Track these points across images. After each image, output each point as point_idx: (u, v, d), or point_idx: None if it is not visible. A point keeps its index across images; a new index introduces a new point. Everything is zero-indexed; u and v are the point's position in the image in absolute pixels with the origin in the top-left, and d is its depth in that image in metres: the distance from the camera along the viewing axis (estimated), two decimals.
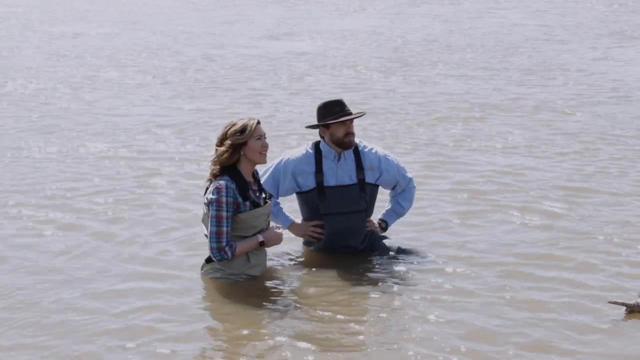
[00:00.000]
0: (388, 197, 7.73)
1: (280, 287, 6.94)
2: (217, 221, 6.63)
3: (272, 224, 7.02)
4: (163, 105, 13.76)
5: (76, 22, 23.31)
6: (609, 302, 6.42)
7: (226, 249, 6.69)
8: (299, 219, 7.53)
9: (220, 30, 21.81)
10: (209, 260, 6.89)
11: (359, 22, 22.98)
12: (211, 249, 6.72)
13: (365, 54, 18.30)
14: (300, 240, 7.62)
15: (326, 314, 6.45)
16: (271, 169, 7.45)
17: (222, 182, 6.65)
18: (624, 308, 6.39)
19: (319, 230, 7.41)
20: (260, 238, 6.76)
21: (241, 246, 6.73)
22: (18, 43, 20.08)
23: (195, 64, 17.38)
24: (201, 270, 7.00)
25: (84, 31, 21.81)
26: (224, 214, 6.62)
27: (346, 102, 7.43)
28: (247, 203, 6.71)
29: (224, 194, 6.61)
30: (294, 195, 7.52)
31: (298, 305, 6.64)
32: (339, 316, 6.42)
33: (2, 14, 25.45)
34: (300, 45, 19.51)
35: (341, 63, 17.23)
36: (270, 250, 7.15)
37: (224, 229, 6.64)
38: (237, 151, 6.68)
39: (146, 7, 26.79)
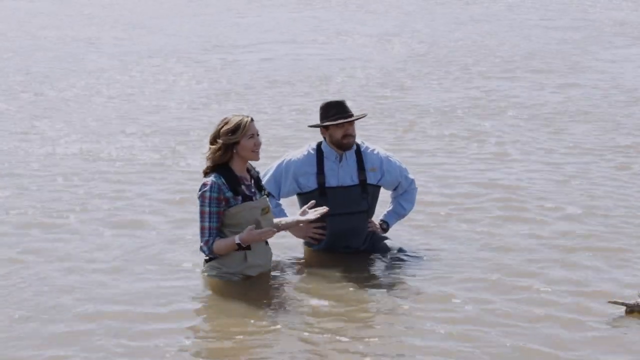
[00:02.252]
0: (389, 198, 7.73)
1: (279, 287, 6.94)
2: (201, 216, 6.71)
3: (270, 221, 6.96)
4: (184, 110, 13.81)
5: (91, 26, 23.39)
6: (609, 302, 6.41)
7: (202, 244, 6.74)
8: None
9: (238, 33, 21.84)
10: (207, 259, 6.92)
11: (378, 25, 22.94)
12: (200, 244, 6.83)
13: (384, 57, 18.28)
14: (301, 240, 7.60)
15: (324, 314, 6.45)
16: (272, 170, 7.46)
17: (208, 179, 6.71)
18: (624, 308, 6.37)
19: (320, 231, 7.40)
20: (237, 240, 6.70)
21: (220, 244, 6.72)
22: (23, 47, 20.17)
23: (213, 68, 17.38)
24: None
25: (101, 35, 21.87)
26: (207, 209, 6.67)
27: (348, 104, 7.39)
28: (239, 198, 6.73)
29: (208, 189, 6.67)
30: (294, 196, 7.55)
31: (295, 305, 6.64)
32: (338, 316, 6.41)
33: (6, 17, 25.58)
34: (311, 48, 19.52)
35: (363, 66, 17.23)
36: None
37: (207, 224, 6.69)
38: (230, 149, 6.71)
39: (155, 10, 26.83)
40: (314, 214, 6.97)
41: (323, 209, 7.00)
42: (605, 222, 8.33)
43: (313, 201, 7.12)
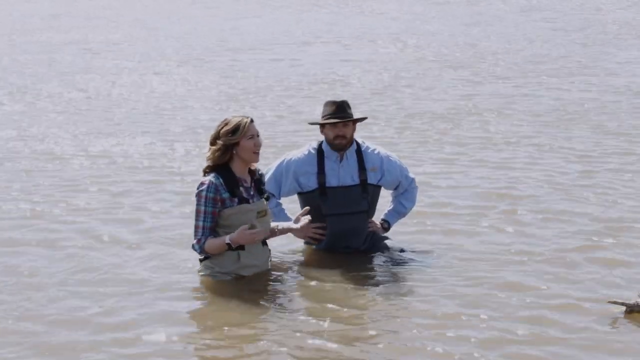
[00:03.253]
0: (390, 197, 7.72)
1: (276, 287, 6.92)
2: (196, 215, 6.74)
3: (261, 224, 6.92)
4: (188, 112, 13.83)
5: (93, 28, 23.41)
6: (609, 302, 6.40)
7: (194, 242, 6.76)
8: None
9: (241, 35, 21.85)
10: (201, 258, 6.93)
11: (386, 27, 22.90)
12: None
13: (392, 59, 18.27)
14: (301, 239, 7.58)
15: (323, 314, 6.43)
16: (273, 170, 7.46)
17: (207, 178, 6.73)
18: (624, 308, 6.36)
19: (320, 231, 7.38)
20: (227, 240, 6.70)
21: (211, 243, 6.73)
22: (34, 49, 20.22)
23: (218, 71, 17.38)
24: None
25: (102, 38, 21.88)
26: (202, 208, 6.69)
27: (348, 105, 7.35)
28: (235, 199, 6.73)
29: (204, 189, 6.69)
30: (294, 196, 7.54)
31: (292, 305, 6.64)
32: (337, 316, 6.40)
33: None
34: (317, 51, 19.52)
35: (372, 68, 17.21)
36: (270, 249, 7.14)
37: (201, 223, 6.71)
38: (230, 150, 6.72)
39: (159, 12, 26.85)
40: (306, 220, 7.01)
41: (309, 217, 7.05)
42: (605, 223, 8.31)
43: (307, 207, 7.13)
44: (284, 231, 7.15)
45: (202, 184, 6.72)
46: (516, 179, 9.80)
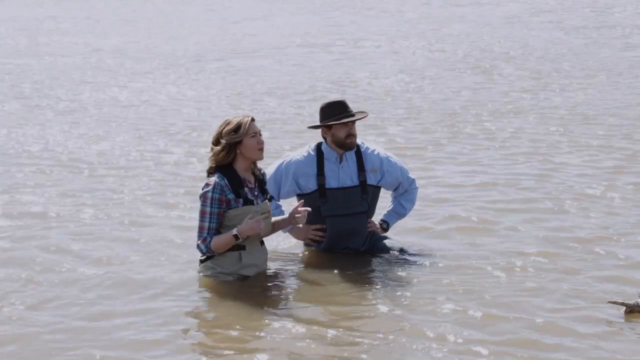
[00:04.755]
0: (390, 198, 7.71)
1: (276, 288, 6.93)
2: (201, 216, 6.73)
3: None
4: (194, 115, 13.87)
5: (97, 31, 23.48)
6: (609, 302, 6.38)
7: (199, 242, 6.75)
8: None
9: (244, 39, 21.87)
10: (202, 259, 6.93)
11: (397, 29, 22.89)
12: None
13: (401, 61, 18.27)
14: (300, 240, 7.58)
15: (323, 315, 6.43)
16: (272, 172, 7.46)
17: (212, 179, 6.73)
18: (624, 308, 6.34)
19: (320, 233, 7.38)
20: (234, 231, 6.70)
21: (217, 241, 6.72)
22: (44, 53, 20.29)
23: (221, 73, 17.43)
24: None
25: (105, 42, 21.93)
26: (208, 209, 6.69)
27: (348, 103, 7.43)
28: (240, 200, 6.74)
29: (210, 190, 6.69)
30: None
31: (291, 306, 6.63)
32: (337, 316, 6.39)
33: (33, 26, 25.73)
34: (323, 52, 19.53)
35: (382, 70, 17.22)
36: (270, 250, 7.15)
37: (206, 224, 6.71)
38: (233, 150, 6.72)
39: (166, 14, 26.92)
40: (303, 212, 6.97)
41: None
42: (605, 224, 8.29)
43: (302, 201, 7.12)
44: (282, 225, 7.09)
45: (207, 184, 6.72)
46: (517, 180, 9.77)
